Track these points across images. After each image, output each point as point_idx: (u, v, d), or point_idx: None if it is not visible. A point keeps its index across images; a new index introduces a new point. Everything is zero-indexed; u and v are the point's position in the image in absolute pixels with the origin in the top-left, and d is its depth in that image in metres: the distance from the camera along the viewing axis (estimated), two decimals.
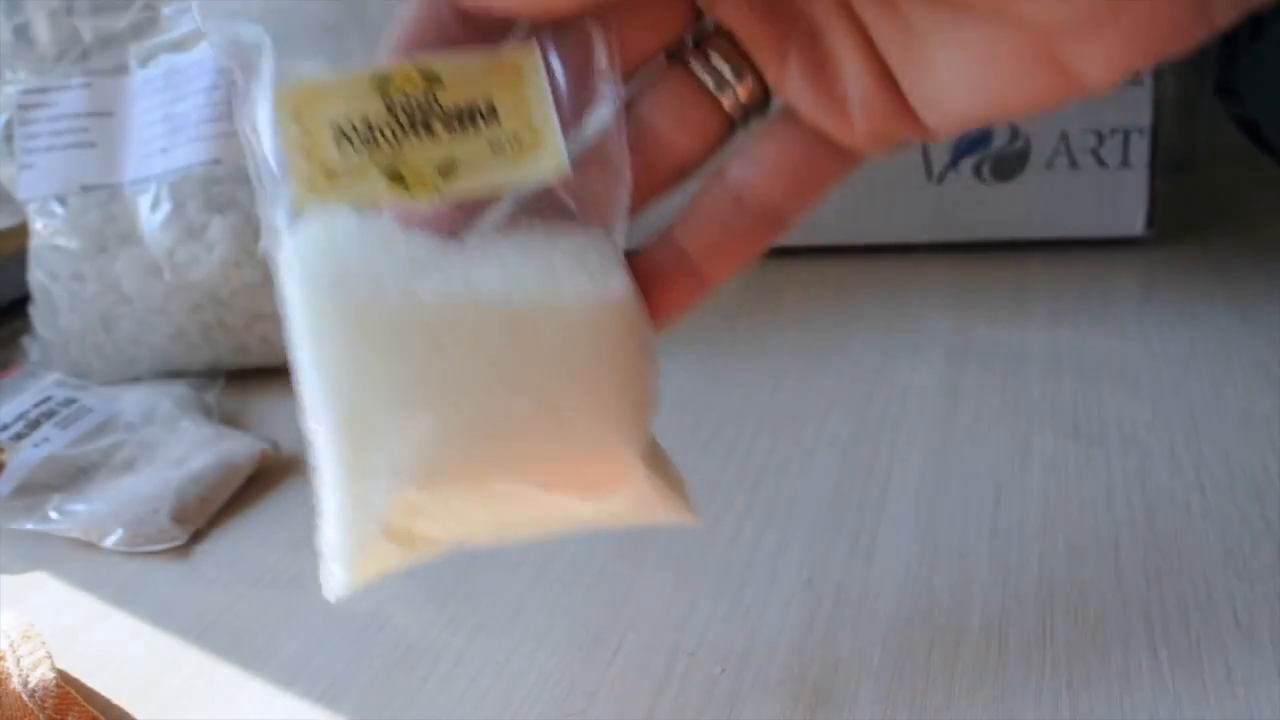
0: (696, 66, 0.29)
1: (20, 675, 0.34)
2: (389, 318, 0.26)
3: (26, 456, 0.49)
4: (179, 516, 0.45)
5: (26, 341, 0.61)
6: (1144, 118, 0.61)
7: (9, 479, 0.48)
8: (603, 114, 0.28)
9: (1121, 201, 0.63)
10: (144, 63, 0.58)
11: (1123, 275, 0.61)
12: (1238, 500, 0.41)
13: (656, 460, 0.29)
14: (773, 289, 0.63)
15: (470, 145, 0.27)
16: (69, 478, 0.48)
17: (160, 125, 0.56)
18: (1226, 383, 0.49)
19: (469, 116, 0.27)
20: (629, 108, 0.29)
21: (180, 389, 0.55)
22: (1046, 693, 0.33)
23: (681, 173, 0.30)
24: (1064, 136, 0.62)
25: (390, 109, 0.27)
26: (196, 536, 0.45)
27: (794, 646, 0.35)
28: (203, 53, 0.57)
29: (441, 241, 0.27)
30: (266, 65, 0.27)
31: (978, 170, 0.64)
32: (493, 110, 0.27)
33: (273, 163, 0.27)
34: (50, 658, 0.35)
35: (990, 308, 0.58)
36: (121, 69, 0.58)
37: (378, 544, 0.27)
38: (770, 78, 0.29)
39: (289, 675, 0.37)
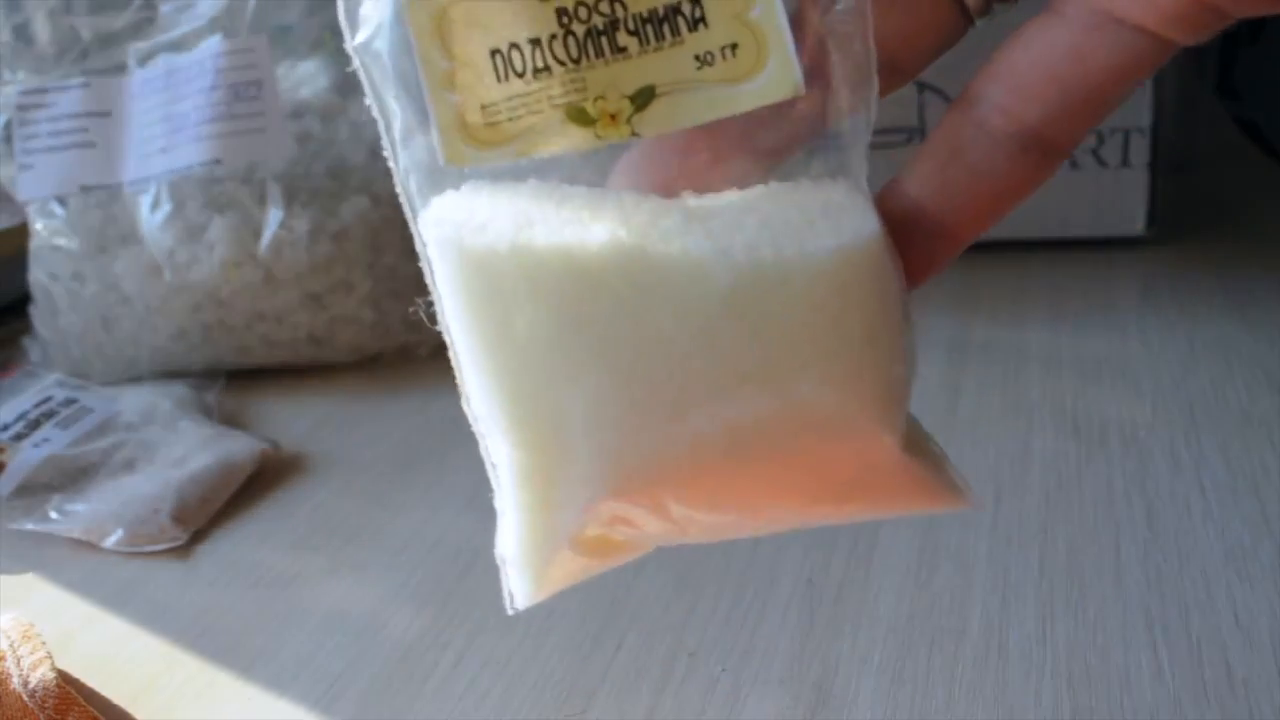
0: None
1: (20, 675, 0.34)
2: (578, 292, 0.21)
3: (27, 456, 0.49)
4: (179, 516, 0.45)
5: (26, 341, 0.61)
6: (1144, 118, 0.61)
7: (9, 479, 0.48)
8: None
9: (1121, 201, 0.63)
10: (143, 62, 0.58)
11: (1123, 275, 0.61)
12: (1238, 500, 0.41)
13: (915, 440, 0.24)
14: None
15: (670, 62, 0.21)
16: (69, 478, 0.48)
17: (160, 125, 0.56)
18: (1226, 383, 0.49)
19: (666, 22, 0.21)
20: None
21: (180, 389, 0.55)
22: (1046, 693, 0.33)
23: (898, 79, 0.23)
24: None
25: (563, 21, 0.21)
26: (196, 536, 0.45)
27: (794, 646, 0.35)
28: (202, 53, 0.57)
29: (630, 194, 0.22)
30: None
31: None
32: (696, 7, 0.21)
33: (392, 107, 0.21)
34: (50, 658, 0.35)
35: (990, 308, 0.58)
36: (120, 68, 0.58)
37: (568, 557, 0.23)
38: None
39: (289, 675, 0.37)
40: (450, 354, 0.23)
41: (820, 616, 0.37)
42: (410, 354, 0.59)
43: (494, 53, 0.21)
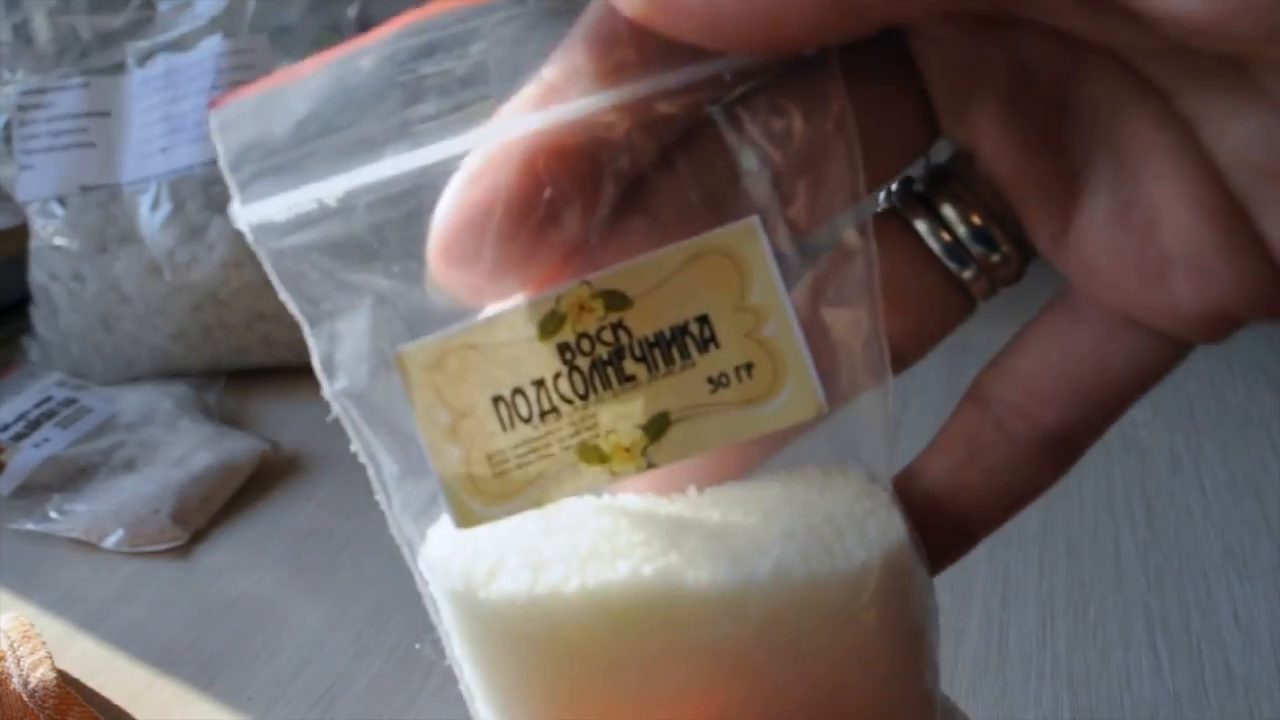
0: (920, 222, 0.21)
1: (20, 675, 0.34)
2: (607, 639, 0.19)
3: (27, 456, 0.49)
4: (179, 516, 0.45)
5: (26, 341, 0.61)
6: None
7: (9, 479, 0.48)
8: (851, 280, 0.20)
9: None
10: (142, 61, 0.58)
11: None
12: (1238, 500, 0.41)
13: None
14: None
15: (683, 386, 0.19)
16: (69, 478, 0.48)
17: (160, 125, 0.56)
18: (1226, 383, 0.49)
19: (675, 344, 0.19)
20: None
21: (180, 389, 0.55)
22: (1046, 693, 0.33)
23: (899, 366, 0.21)
24: None
25: (566, 357, 0.19)
26: (196, 536, 0.45)
27: None
28: (202, 52, 0.57)
29: (641, 517, 0.20)
30: (361, 309, 0.19)
31: None
32: (705, 327, 0.19)
33: (385, 448, 0.20)
34: (50, 658, 0.35)
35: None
36: (119, 68, 0.58)
37: None
38: (1041, 238, 0.20)
39: (289, 675, 0.37)
40: (462, 686, 0.21)
41: None
42: None
43: (497, 400, 0.19)
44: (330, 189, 0.18)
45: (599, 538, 0.20)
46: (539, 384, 0.19)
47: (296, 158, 0.18)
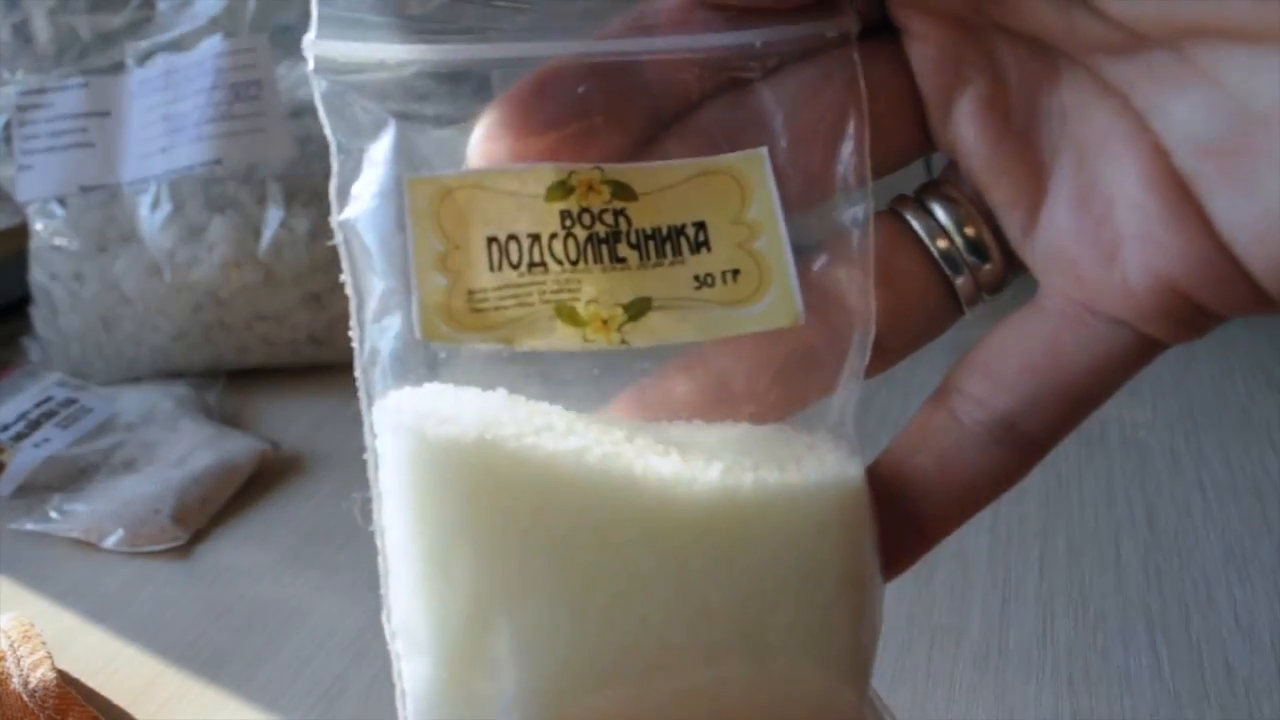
0: (915, 220, 0.22)
1: (20, 675, 0.34)
2: (543, 499, 0.19)
3: (27, 457, 0.49)
4: (179, 516, 0.45)
5: (26, 341, 0.61)
6: None
7: (10, 479, 0.48)
8: (848, 223, 0.21)
9: None
10: (141, 61, 0.58)
11: None
12: (1238, 500, 0.41)
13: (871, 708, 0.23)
14: None
15: (669, 278, 0.20)
16: (69, 478, 0.48)
17: (159, 125, 0.56)
18: (1226, 383, 0.49)
19: (669, 241, 0.20)
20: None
21: (180, 389, 0.55)
22: (1046, 693, 0.33)
23: (880, 360, 0.22)
24: None
25: (566, 223, 0.20)
26: (196, 536, 0.45)
27: None
28: (202, 52, 0.57)
29: (609, 415, 0.21)
30: (389, 138, 0.20)
31: None
32: (701, 232, 0.20)
33: (369, 284, 0.20)
34: (50, 658, 0.35)
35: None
36: (119, 67, 0.58)
37: None
38: (1012, 226, 0.21)
39: (290, 675, 0.37)
40: (379, 560, 0.20)
41: None
42: None
43: (491, 240, 0.20)
44: (395, 52, 0.20)
45: (559, 419, 0.20)
46: (534, 237, 0.20)
47: (380, 22, 0.20)
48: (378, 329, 0.20)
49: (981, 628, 0.35)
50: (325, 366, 0.58)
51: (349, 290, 0.20)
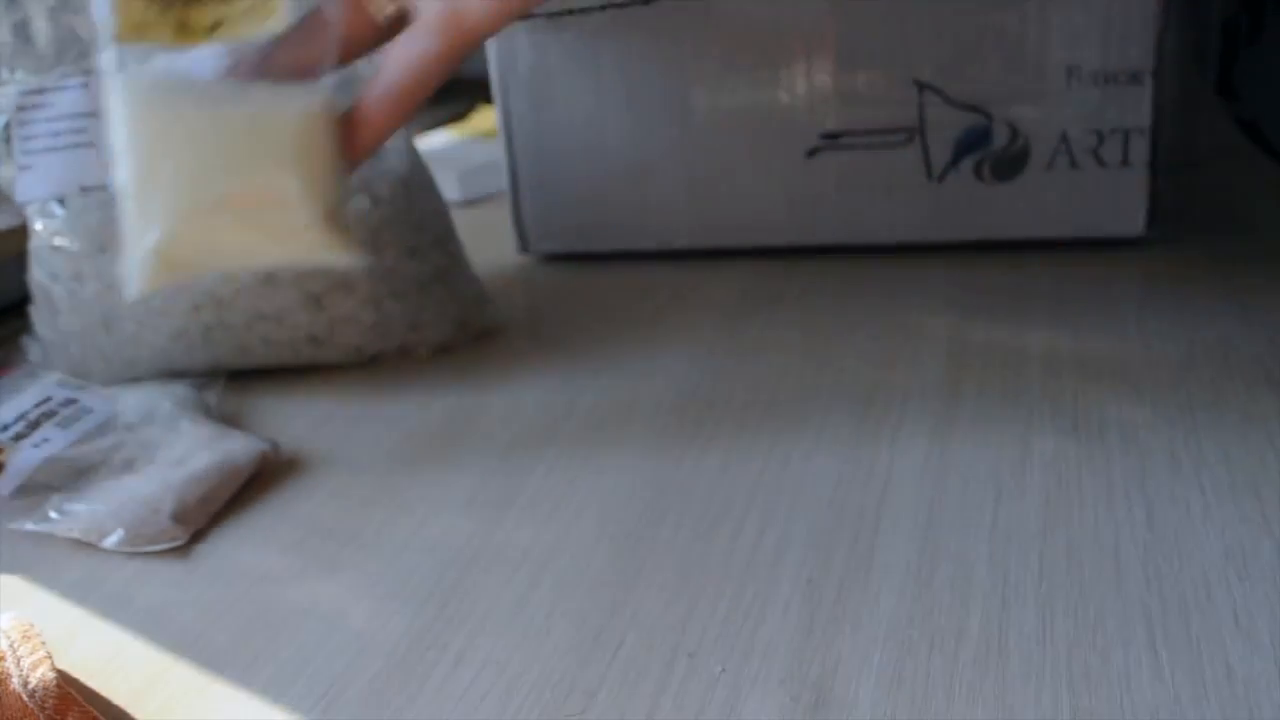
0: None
1: (20, 675, 0.34)
2: (174, 121, 0.41)
3: (27, 457, 0.49)
4: (179, 516, 0.45)
5: (26, 341, 0.61)
6: (1144, 118, 0.61)
7: (9, 479, 0.48)
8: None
9: (1121, 201, 0.63)
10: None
11: (1123, 275, 0.61)
12: (1238, 500, 0.41)
13: (338, 222, 0.42)
14: (773, 289, 0.63)
15: (231, 9, 0.42)
16: (69, 478, 0.48)
17: None
18: (1226, 383, 0.49)
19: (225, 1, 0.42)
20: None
21: (180, 389, 0.55)
22: (1046, 693, 0.33)
23: (361, 51, 0.44)
24: (1064, 136, 0.62)
25: None
26: (196, 536, 0.45)
27: (794, 646, 0.35)
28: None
29: (222, 79, 0.43)
30: None
31: (978, 170, 0.64)
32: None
33: (102, 19, 0.41)
34: (50, 658, 0.35)
35: (990, 308, 0.58)
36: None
37: (153, 266, 0.41)
38: None
39: (289, 675, 0.37)
40: (118, 170, 0.41)
41: (820, 616, 0.37)
42: (410, 354, 0.59)
43: None
44: None
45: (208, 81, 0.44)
46: None
47: None
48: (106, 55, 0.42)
49: (981, 628, 0.35)
50: (325, 366, 0.58)
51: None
